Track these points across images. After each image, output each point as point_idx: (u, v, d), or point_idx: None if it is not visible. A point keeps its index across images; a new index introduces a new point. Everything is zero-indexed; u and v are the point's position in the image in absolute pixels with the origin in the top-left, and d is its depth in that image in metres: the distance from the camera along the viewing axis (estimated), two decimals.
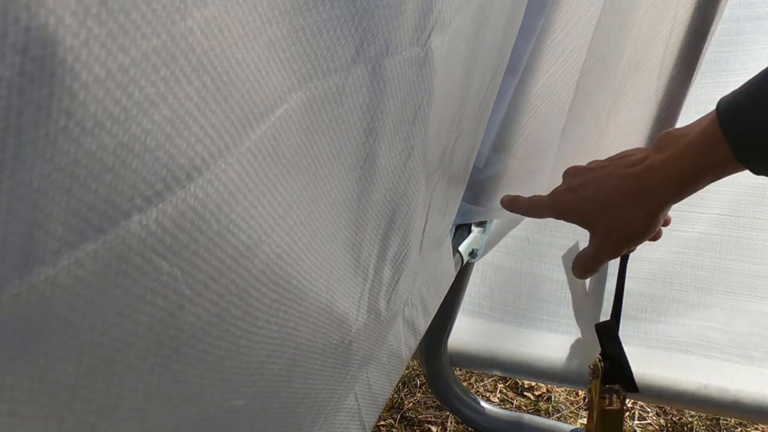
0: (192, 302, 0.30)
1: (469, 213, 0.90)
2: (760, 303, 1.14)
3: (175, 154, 0.23)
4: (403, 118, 0.47)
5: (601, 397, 0.98)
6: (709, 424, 1.55)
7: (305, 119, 0.35)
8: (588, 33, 0.78)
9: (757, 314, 1.14)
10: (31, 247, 0.18)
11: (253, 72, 0.28)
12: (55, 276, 0.20)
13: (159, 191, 0.23)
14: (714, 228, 1.13)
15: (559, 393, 1.64)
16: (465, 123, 0.65)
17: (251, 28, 0.27)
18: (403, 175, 0.52)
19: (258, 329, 0.38)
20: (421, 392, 1.66)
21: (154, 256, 0.25)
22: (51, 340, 0.21)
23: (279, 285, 0.39)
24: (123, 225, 0.22)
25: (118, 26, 0.18)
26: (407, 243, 0.62)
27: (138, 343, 0.27)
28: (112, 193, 0.21)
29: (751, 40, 1.03)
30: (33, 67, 0.16)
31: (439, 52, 0.47)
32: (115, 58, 0.19)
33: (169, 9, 0.21)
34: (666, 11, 0.90)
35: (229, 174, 0.28)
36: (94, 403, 0.26)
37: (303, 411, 0.52)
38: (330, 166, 0.40)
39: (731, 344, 1.16)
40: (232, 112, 0.27)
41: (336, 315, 0.50)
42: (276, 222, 0.35)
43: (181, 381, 0.33)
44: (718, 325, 1.17)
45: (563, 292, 1.23)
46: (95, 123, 0.19)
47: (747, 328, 1.15)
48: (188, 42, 0.22)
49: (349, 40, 0.36)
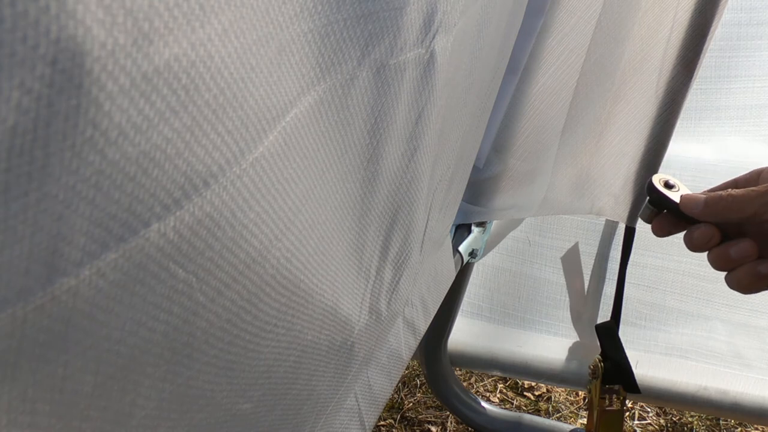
0: (205, 308, 0.29)
1: (469, 213, 0.90)
2: (761, 318, 1.13)
3: (193, 162, 0.23)
4: (407, 118, 0.47)
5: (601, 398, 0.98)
6: (709, 424, 1.55)
7: (313, 122, 0.35)
8: (588, 33, 0.78)
9: (758, 329, 1.14)
10: (55, 259, 0.18)
11: (266, 77, 0.28)
12: (77, 286, 0.20)
13: (177, 199, 0.23)
14: None
15: (559, 393, 1.65)
16: (466, 123, 0.65)
17: (264, 33, 0.27)
18: (406, 175, 0.52)
19: (267, 333, 0.38)
20: (421, 392, 1.66)
21: (171, 264, 0.25)
22: (71, 350, 0.21)
23: (287, 288, 0.39)
24: (142, 234, 0.22)
25: (143, 35, 0.18)
26: (409, 243, 0.62)
27: (153, 351, 0.27)
28: (133, 202, 0.21)
29: (754, 46, 1.03)
30: (62, 78, 0.16)
31: (443, 54, 0.47)
32: (140, 67, 0.18)
33: (189, 16, 0.21)
34: (666, 12, 0.90)
35: (243, 180, 0.28)
36: (110, 412, 0.26)
37: (306, 412, 0.52)
38: (336, 168, 0.40)
39: (731, 354, 1.16)
40: (246, 118, 0.27)
41: (340, 316, 0.50)
42: (286, 226, 0.35)
43: (193, 387, 0.33)
44: (719, 336, 1.16)
45: (563, 295, 1.23)
46: (119, 133, 0.18)
47: (747, 341, 1.14)
48: (207, 49, 0.22)
49: (354, 42, 0.36)
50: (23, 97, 0.16)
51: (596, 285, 1.19)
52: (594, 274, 1.19)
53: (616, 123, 0.98)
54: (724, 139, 1.08)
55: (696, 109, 1.04)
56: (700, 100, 1.04)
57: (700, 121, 1.08)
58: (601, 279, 1.18)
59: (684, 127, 1.03)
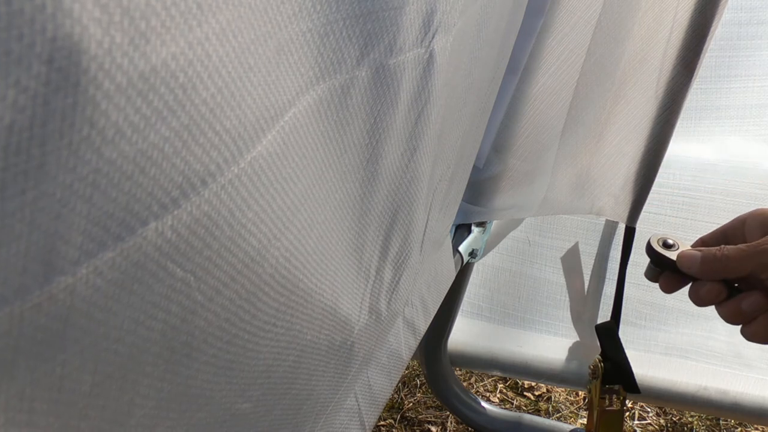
0: (204, 307, 0.29)
1: (469, 213, 0.90)
2: None
3: (191, 161, 0.23)
4: (406, 119, 0.47)
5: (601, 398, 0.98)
6: (709, 424, 1.55)
7: (312, 122, 0.35)
8: (588, 33, 0.78)
9: None
10: (52, 257, 0.18)
11: (264, 76, 0.28)
12: (74, 285, 0.20)
13: (175, 198, 0.23)
14: None
15: (559, 393, 1.65)
16: (466, 123, 0.65)
17: (262, 32, 0.27)
18: (405, 175, 0.52)
19: (266, 332, 0.38)
20: (421, 392, 1.66)
21: (168, 263, 0.25)
22: (69, 349, 0.21)
23: (286, 288, 0.39)
24: (140, 232, 0.22)
25: (140, 33, 0.18)
26: (408, 243, 0.62)
27: (151, 350, 0.27)
28: (131, 201, 0.21)
29: (754, 45, 1.02)
30: (58, 76, 0.16)
31: (442, 54, 0.47)
32: (136, 66, 0.18)
33: (186, 15, 0.21)
34: (666, 12, 0.90)
35: (241, 179, 0.28)
36: (108, 411, 0.26)
37: (305, 412, 0.52)
38: (335, 168, 0.40)
39: (731, 354, 1.16)
40: (244, 117, 0.27)
41: (339, 316, 0.50)
42: (284, 225, 0.35)
43: (192, 386, 0.33)
44: (719, 336, 1.16)
45: (563, 295, 1.23)
46: (116, 131, 0.18)
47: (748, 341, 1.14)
48: (204, 48, 0.22)
49: (353, 42, 0.36)
50: (19, 96, 0.16)
51: (596, 285, 1.19)
52: (594, 274, 1.19)
53: (616, 123, 0.98)
54: (724, 139, 1.08)
55: (696, 108, 1.04)
56: (700, 99, 1.04)
57: (700, 121, 1.08)
58: (601, 279, 1.18)
59: (684, 126, 1.03)
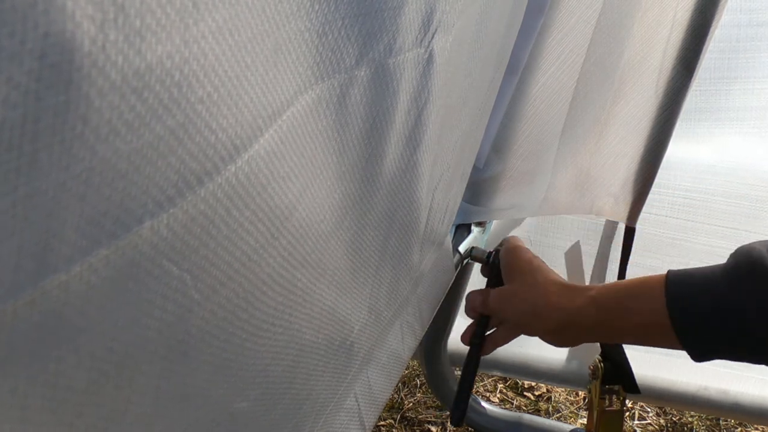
0: (201, 306, 0.29)
1: (469, 213, 0.90)
2: None
3: (187, 159, 0.23)
4: (405, 118, 0.47)
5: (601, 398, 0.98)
6: (709, 424, 1.55)
7: (310, 121, 0.34)
8: (587, 33, 0.78)
9: None
10: (46, 255, 0.18)
11: (262, 75, 0.28)
12: (68, 282, 0.20)
13: (171, 196, 0.23)
14: (719, 240, 1.10)
15: (559, 393, 1.64)
16: (466, 123, 0.64)
17: (259, 31, 0.27)
18: (405, 175, 0.52)
19: (263, 331, 0.38)
20: (421, 392, 1.66)
21: (164, 261, 0.25)
22: (63, 346, 0.21)
23: (284, 287, 0.39)
24: (135, 230, 0.22)
25: (134, 31, 0.18)
26: (408, 243, 0.62)
27: (148, 348, 0.27)
28: (125, 199, 0.21)
29: (754, 47, 1.02)
30: (50, 73, 0.16)
31: (442, 54, 0.47)
32: (131, 64, 0.18)
33: (182, 13, 0.20)
34: (666, 12, 0.90)
35: (238, 177, 0.28)
36: (104, 409, 0.26)
37: (305, 412, 0.52)
38: (333, 168, 0.40)
39: None
40: (241, 116, 0.27)
41: (338, 316, 0.50)
42: (282, 224, 0.35)
43: (189, 384, 0.32)
44: None
45: None
46: (110, 129, 0.18)
47: None
48: (200, 46, 0.22)
49: (353, 41, 0.35)
50: (11, 92, 0.16)
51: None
52: (594, 274, 1.19)
53: (616, 123, 0.98)
54: (724, 141, 1.07)
55: (695, 110, 1.04)
56: (699, 101, 1.04)
57: (699, 122, 1.07)
58: (601, 279, 1.17)
59: (683, 128, 1.03)
